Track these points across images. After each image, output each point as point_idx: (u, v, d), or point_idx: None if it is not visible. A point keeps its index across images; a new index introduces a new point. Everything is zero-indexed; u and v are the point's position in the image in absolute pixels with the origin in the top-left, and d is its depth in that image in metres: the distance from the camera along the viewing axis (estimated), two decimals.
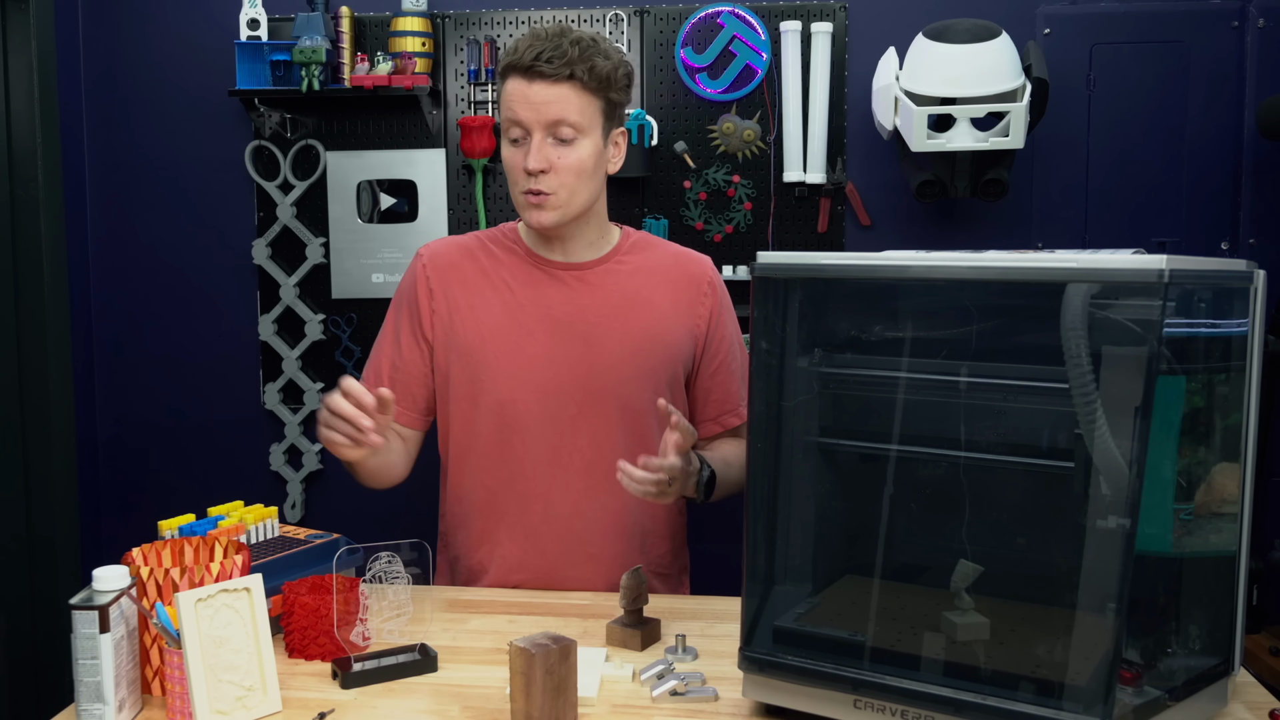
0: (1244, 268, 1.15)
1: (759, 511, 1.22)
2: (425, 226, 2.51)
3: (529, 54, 1.54)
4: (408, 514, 1.98)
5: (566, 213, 1.60)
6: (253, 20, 2.42)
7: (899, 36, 2.29)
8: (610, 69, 1.57)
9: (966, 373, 1.14)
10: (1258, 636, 2.17)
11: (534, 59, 1.53)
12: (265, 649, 1.20)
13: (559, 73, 1.53)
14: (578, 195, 1.60)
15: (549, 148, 1.56)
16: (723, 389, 1.74)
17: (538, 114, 1.55)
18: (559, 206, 1.59)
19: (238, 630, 1.19)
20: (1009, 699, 1.03)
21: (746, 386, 1.78)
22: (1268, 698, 1.24)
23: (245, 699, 1.18)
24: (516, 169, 1.58)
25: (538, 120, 1.55)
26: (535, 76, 1.54)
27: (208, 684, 1.16)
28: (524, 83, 1.55)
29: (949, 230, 2.45)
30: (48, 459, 2.46)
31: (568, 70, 1.53)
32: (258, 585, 1.21)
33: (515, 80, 1.56)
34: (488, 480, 1.67)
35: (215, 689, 1.17)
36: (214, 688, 1.16)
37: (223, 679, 1.17)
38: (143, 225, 2.61)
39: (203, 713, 1.15)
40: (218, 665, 1.17)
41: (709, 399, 1.74)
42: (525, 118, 1.55)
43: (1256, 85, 2.32)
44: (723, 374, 1.74)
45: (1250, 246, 2.35)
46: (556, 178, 1.57)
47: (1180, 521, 1.14)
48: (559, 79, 1.54)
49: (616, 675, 1.28)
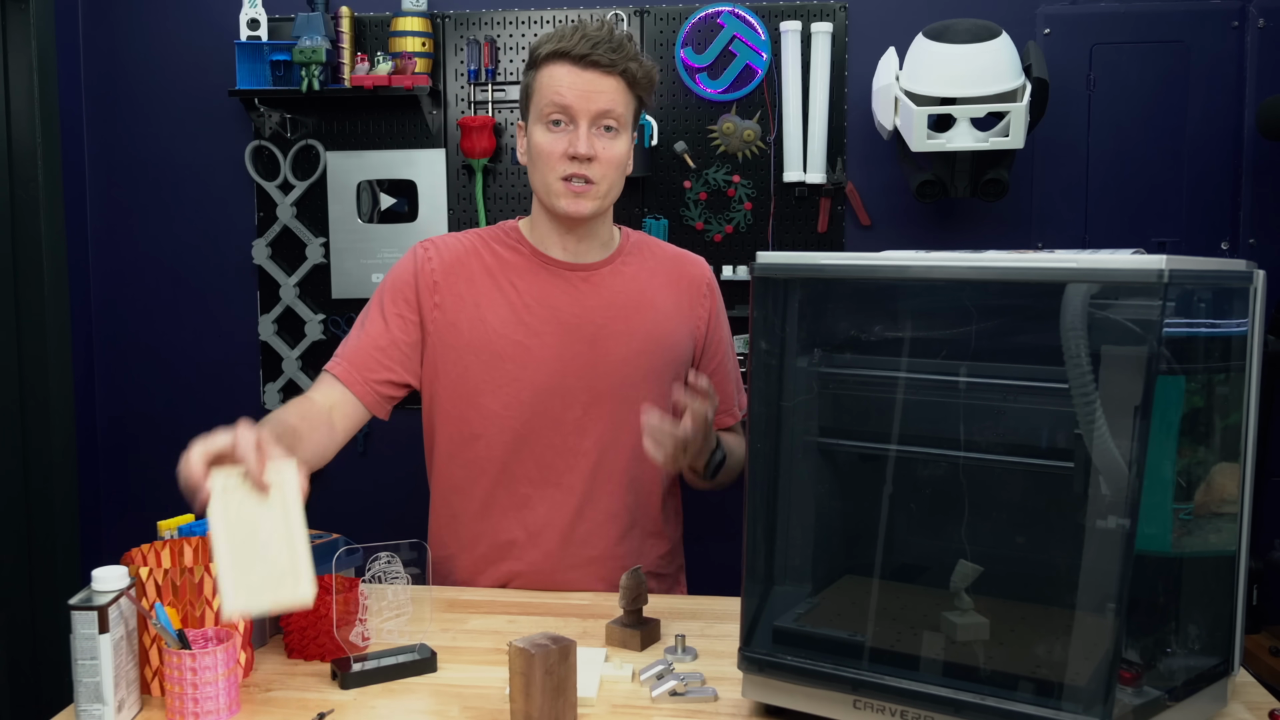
0: (1244, 268, 1.15)
1: (759, 511, 1.22)
2: (425, 226, 2.51)
3: (584, 43, 1.55)
4: (407, 514, 1.98)
5: (603, 204, 1.61)
6: (253, 20, 2.42)
7: (899, 36, 2.29)
8: (649, 71, 1.61)
9: (966, 373, 1.14)
10: (1258, 636, 2.17)
11: (591, 48, 1.54)
12: (298, 534, 1.16)
13: (614, 64, 1.55)
14: (614, 189, 1.62)
15: (594, 137, 1.57)
16: (719, 390, 1.74)
17: (589, 102, 1.55)
18: (599, 197, 1.60)
19: (270, 514, 1.16)
20: (1009, 699, 1.03)
21: (740, 388, 1.79)
22: (1268, 698, 1.24)
23: (275, 584, 1.15)
24: (555, 155, 1.57)
25: (587, 108, 1.56)
26: (590, 65, 1.55)
27: (235, 565, 1.13)
28: (575, 70, 1.55)
29: (949, 230, 2.45)
30: (48, 459, 2.46)
31: (622, 65, 1.56)
32: (291, 470, 1.18)
33: (564, 66, 1.56)
34: (488, 479, 1.66)
35: (244, 571, 1.13)
36: (243, 570, 1.13)
37: (254, 560, 1.14)
38: (143, 225, 2.61)
39: (229, 592, 1.12)
40: (247, 547, 1.14)
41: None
42: (575, 104, 1.55)
43: (1256, 85, 2.32)
44: (719, 375, 1.75)
45: (1250, 246, 2.35)
46: (599, 167, 1.58)
47: (1180, 521, 1.14)
48: (612, 70, 1.56)
49: (616, 675, 1.28)
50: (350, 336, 1.67)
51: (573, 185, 1.57)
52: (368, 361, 1.63)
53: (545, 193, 1.61)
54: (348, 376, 1.62)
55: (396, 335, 1.65)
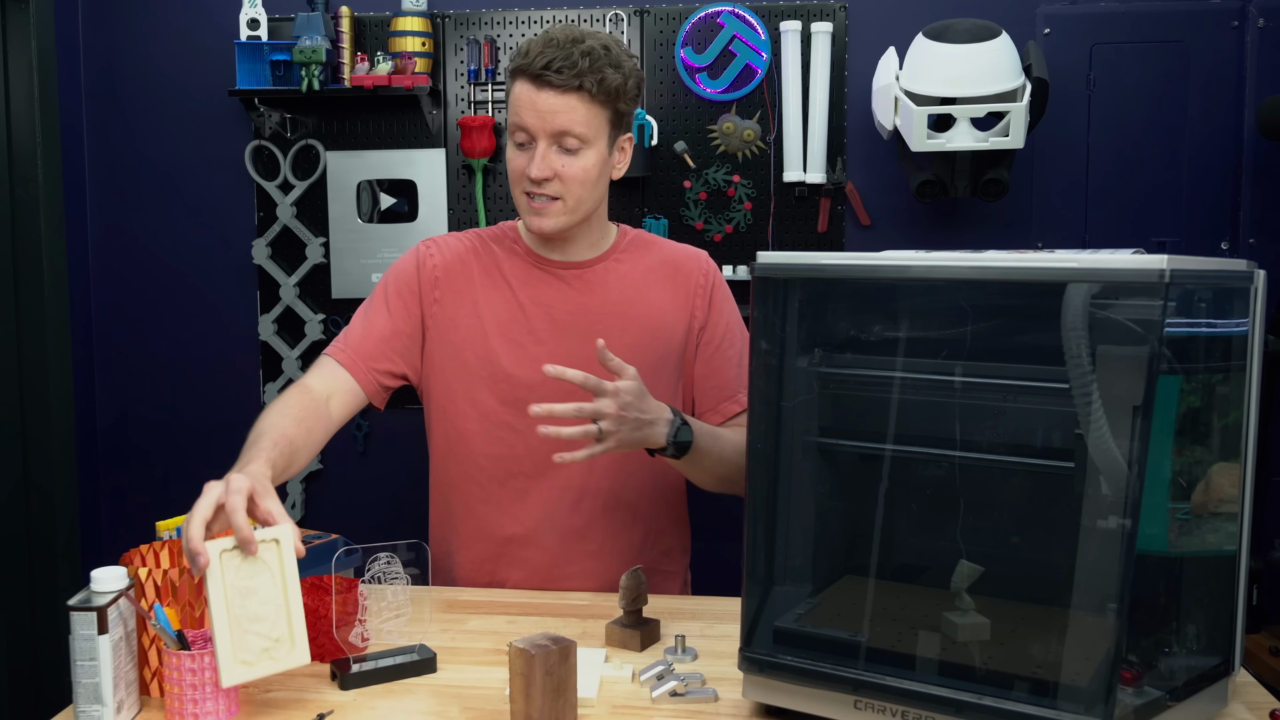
0: (1244, 268, 1.15)
1: (759, 511, 1.22)
2: (425, 226, 2.51)
3: (539, 61, 1.52)
4: (407, 515, 1.98)
5: (569, 220, 1.60)
6: (253, 20, 2.42)
7: (899, 36, 2.28)
8: (620, 81, 1.56)
9: (966, 373, 1.13)
10: (1258, 636, 2.17)
11: (543, 67, 1.51)
12: (294, 601, 1.19)
13: (567, 83, 1.52)
14: (582, 203, 1.60)
15: (553, 155, 1.55)
16: (720, 376, 1.73)
17: (544, 122, 1.54)
18: (562, 214, 1.59)
19: (266, 581, 1.17)
20: (1009, 700, 1.03)
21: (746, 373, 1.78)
22: (1268, 698, 1.24)
23: (272, 650, 1.17)
24: (519, 172, 1.58)
25: (543, 128, 1.54)
26: (543, 85, 1.52)
27: (233, 634, 1.15)
28: (532, 89, 1.53)
29: (949, 230, 2.45)
30: (47, 459, 2.46)
31: (576, 81, 1.52)
32: (287, 536, 1.19)
33: (523, 85, 1.55)
34: (487, 479, 1.66)
35: (241, 639, 1.15)
36: (240, 638, 1.15)
37: (249, 630, 1.16)
38: (143, 225, 2.61)
39: (226, 663, 1.14)
40: (244, 616, 1.16)
41: (707, 387, 1.74)
42: (531, 124, 1.54)
43: (1256, 85, 2.32)
44: (719, 361, 1.73)
45: (1250, 246, 2.35)
46: (560, 185, 1.56)
47: (1177, 521, 1.14)
48: (567, 89, 1.52)
49: (616, 676, 1.28)
50: (354, 325, 1.66)
51: (534, 203, 1.58)
52: (371, 350, 1.63)
53: (517, 207, 1.62)
54: (351, 363, 1.61)
55: (399, 325, 1.65)
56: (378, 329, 1.64)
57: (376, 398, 1.65)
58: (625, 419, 1.44)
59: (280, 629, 1.18)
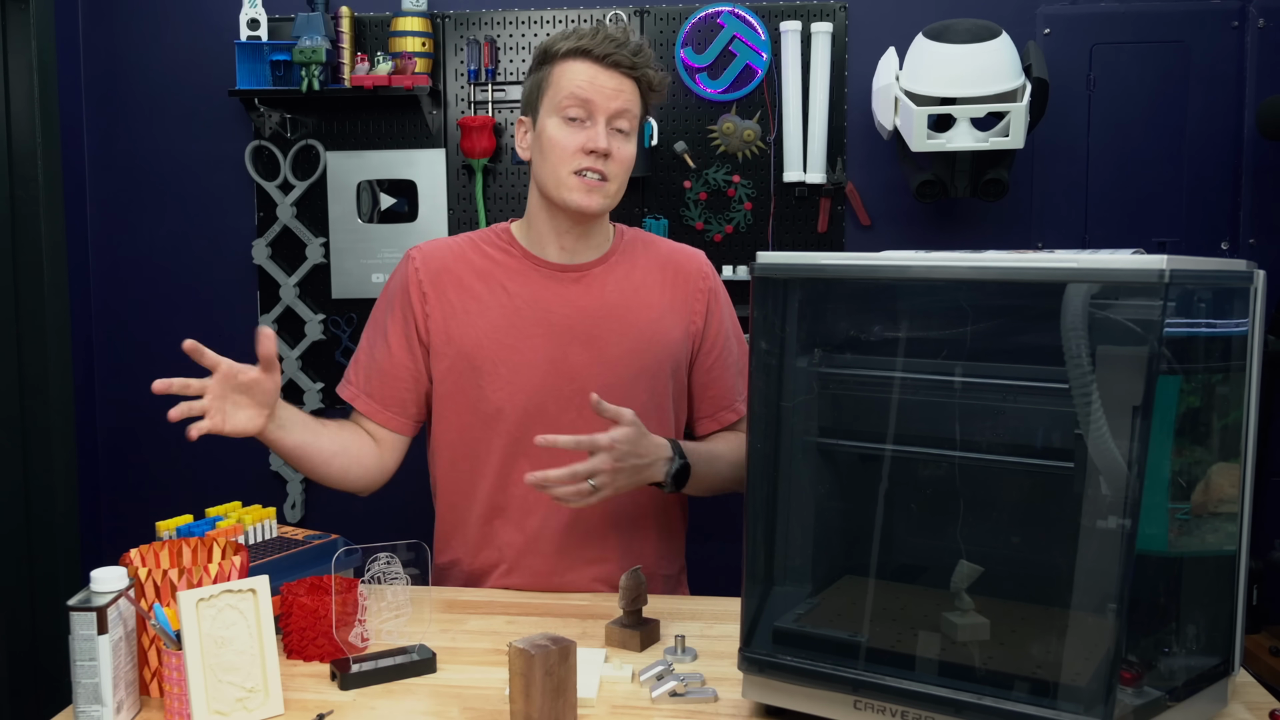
0: (1244, 268, 1.15)
1: (759, 511, 1.22)
2: (425, 226, 2.51)
3: (606, 44, 1.57)
4: (407, 515, 1.98)
5: (610, 203, 1.63)
6: (253, 20, 2.42)
7: (899, 36, 2.28)
8: (661, 81, 1.64)
9: (966, 373, 1.13)
10: (1258, 636, 2.17)
11: (614, 48, 1.57)
12: (269, 651, 1.20)
13: (634, 68, 1.59)
14: (621, 190, 1.64)
15: (610, 135, 1.59)
16: (719, 385, 1.73)
17: (608, 100, 1.58)
18: (610, 195, 1.61)
19: (241, 631, 1.19)
20: (1009, 700, 1.03)
21: (745, 382, 1.78)
22: (1268, 698, 1.24)
23: (246, 700, 1.18)
24: (570, 149, 1.58)
25: (606, 106, 1.58)
26: (612, 65, 1.58)
27: (207, 684, 1.16)
28: (596, 68, 1.58)
29: (949, 230, 2.45)
30: (47, 459, 2.46)
31: (639, 70, 1.59)
32: (263, 587, 1.21)
33: (583, 63, 1.58)
34: (487, 483, 1.66)
35: (215, 689, 1.16)
36: (214, 688, 1.16)
37: (223, 680, 1.17)
38: (143, 225, 2.61)
39: (200, 713, 1.15)
40: (219, 666, 1.17)
41: (705, 395, 1.74)
42: (595, 100, 1.57)
43: (1256, 85, 2.32)
44: (718, 369, 1.73)
45: (1250, 246, 2.35)
46: (614, 165, 1.60)
47: (1177, 521, 1.14)
48: (631, 74, 1.59)
49: (616, 676, 1.28)
50: (361, 359, 1.70)
51: (586, 179, 1.58)
52: (388, 395, 1.67)
53: (555, 186, 1.60)
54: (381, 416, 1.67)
55: (404, 360, 1.67)
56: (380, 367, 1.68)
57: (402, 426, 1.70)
58: (621, 469, 1.49)
59: (255, 679, 1.19)
